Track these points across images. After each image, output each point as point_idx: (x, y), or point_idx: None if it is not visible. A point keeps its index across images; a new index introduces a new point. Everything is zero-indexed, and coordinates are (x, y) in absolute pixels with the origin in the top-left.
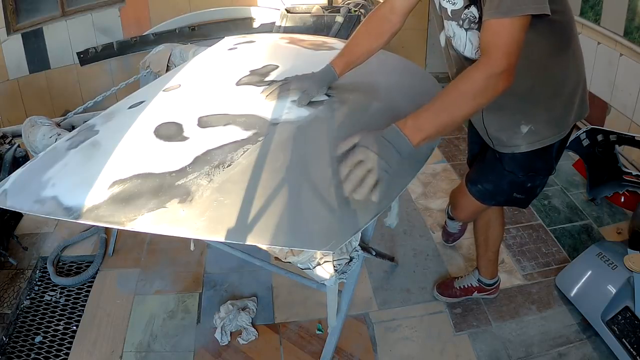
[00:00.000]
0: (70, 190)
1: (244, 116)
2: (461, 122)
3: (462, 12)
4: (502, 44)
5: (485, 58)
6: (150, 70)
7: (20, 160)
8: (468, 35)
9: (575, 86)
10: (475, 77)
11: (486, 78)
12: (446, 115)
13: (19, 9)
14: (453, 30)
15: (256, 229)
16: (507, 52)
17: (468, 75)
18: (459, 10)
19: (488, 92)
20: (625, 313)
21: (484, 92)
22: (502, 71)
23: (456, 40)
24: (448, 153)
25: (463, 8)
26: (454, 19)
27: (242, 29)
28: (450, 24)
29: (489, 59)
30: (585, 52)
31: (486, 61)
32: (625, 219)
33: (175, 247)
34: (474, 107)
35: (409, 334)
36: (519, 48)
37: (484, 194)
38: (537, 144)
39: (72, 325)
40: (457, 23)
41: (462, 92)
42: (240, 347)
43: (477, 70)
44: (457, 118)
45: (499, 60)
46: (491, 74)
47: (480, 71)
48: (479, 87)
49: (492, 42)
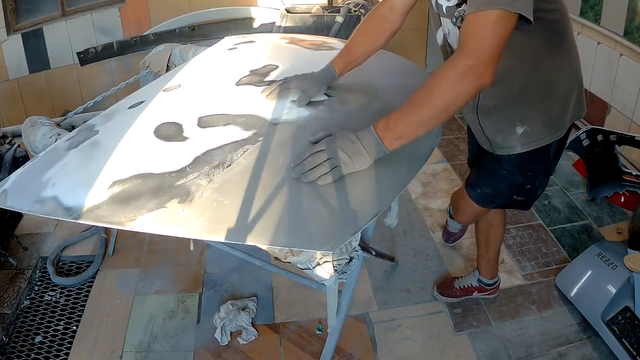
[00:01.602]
0: (70, 190)
1: (244, 116)
2: (436, 121)
3: (456, 10)
4: (473, 38)
5: (457, 52)
6: (150, 70)
7: (20, 160)
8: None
9: (570, 86)
10: (443, 73)
11: (455, 73)
12: (415, 114)
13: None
14: (448, 27)
15: (256, 229)
16: (477, 46)
17: (439, 72)
18: (452, 7)
19: (459, 87)
20: (625, 313)
21: (455, 87)
22: (472, 64)
23: (451, 38)
24: (448, 153)
25: (456, 6)
26: (448, 16)
27: (242, 29)
28: (446, 21)
29: (460, 53)
30: (585, 52)
31: (457, 55)
32: (625, 219)
33: (175, 247)
34: (446, 103)
35: (409, 334)
36: (492, 42)
37: (484, 198)
38: (533, 144)
39: (72, 325)
40: (451, 20)
41: (430, 88)
42: (240, 347)
43: (448, 65)
44: (428, 116)
45: (468, 54)
46: (462, 67)
47: (450, 66)
48: (450, 82)
49: (464, 36)
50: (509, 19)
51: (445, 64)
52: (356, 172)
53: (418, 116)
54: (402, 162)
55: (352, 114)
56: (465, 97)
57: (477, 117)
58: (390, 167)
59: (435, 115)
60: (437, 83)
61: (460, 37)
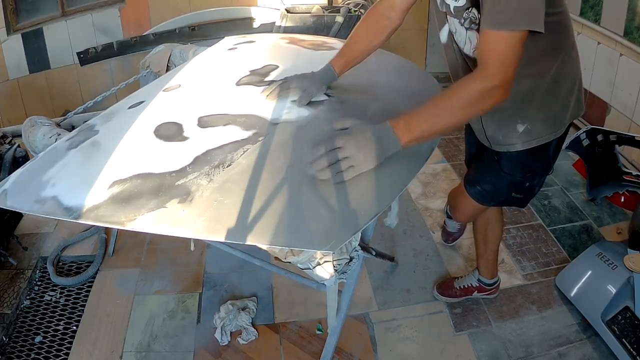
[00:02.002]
0: (70, 190)
1: (244, 116)
2: (453, 129)
3: (464, 12)
4: (498, 57)
5: (482, 70)
6: (150, 70)
7: (20, 160)
8: (468, 34)
9: (571, 85)
10: (470, 88)
11: (481, 90)
12: (438, 121)
13: (19, 9)
14: (455, 26)
15: (256, 229)
16: (503, 66)
17: (464, 85)
18: (461, 7)
19: (482, 103)
20: (625, 313)
21: (478, 103)
22: (498, 84)
23: (457, 37)
24: (448, 153)
25: (465, 7)
26: (456, 16)
27: (242, 29)
28: (453, 21)
29: (485, 71)
30: (585, 52)
31: (482, 73)
32: (625, 219)
33: (175, 247)
34: (466, 116)
35: (409, 334)
36: (515, 61)
37: (483, 195)
38: (533, 142)
39: (72, 325)
40: (459, 21)
41: (456, 100)
42: (240, 347)
43: (473, 81)
44: (449, 125)
45: (495, 74)
46: (487, 87)
47: (476, 82)
48: (474, 98)
49: (488, 54)
50: (526, 36)
51: (472, 80)
52: None
53: (441, 124)
54: (402, 162)
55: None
56: (486, 111)
57: (480, 117)
58: (390, 167)
59: (456, 125)
60: (463, 97)
61: (482, 54)
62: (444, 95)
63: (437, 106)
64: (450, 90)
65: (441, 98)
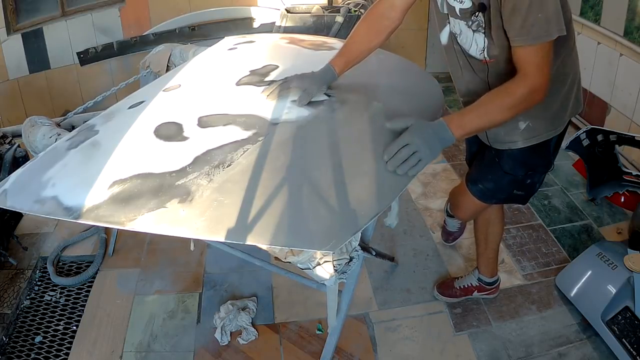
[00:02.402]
0: (70, 190)
1: (244, 116)
2: (497, 126)
3: (472, 15)
4: (537, 66)
5: (524, 76)
6: (150, 70)
7: (20, 160)
8: (475, 37)
9: (571, 84)
10: (516, 92)
11: (526, 93)
12: (486, 119)
13: (19, 9)
14: (460, 28)
15: (256, 229)
16: (542, 71)
17: (509, 89)
18: (467, 10)
19: (525, 104)
20: (625, 313)
21: (522, 104)
22: (539, 88)
23: (462, 38)
24: (448, 153)
25: (472, 11)
26: (462, 18)
27: (242, 29)
28: (458, 22)
29: (527, 77)
30: (585, 52)
31: (525, 79)
32: (625, 219)
33: (175, 247)
34: (510, 115)
35: (409, 334)
36: (550, 64)
37: (485, 193)
38: (534, 139)
39: (72, 325)
40: (465, 23)
41: (503, 102)
42: (240, 347)
43: (519, 86)
44: (495, 123)
45: (537, 79)
46: (530, 90)
47: (521, 87)
48: (518, 100)
49: (528, 63)
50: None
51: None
52: (356, 172)
53: (489, 122)
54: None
55: (352, 113)
56: (527, 110)
57: None
58: None
59: (501, 123)
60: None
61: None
62: (492, 97)
63: (487, 107)
64: (498, 94)
65: (490, 100)
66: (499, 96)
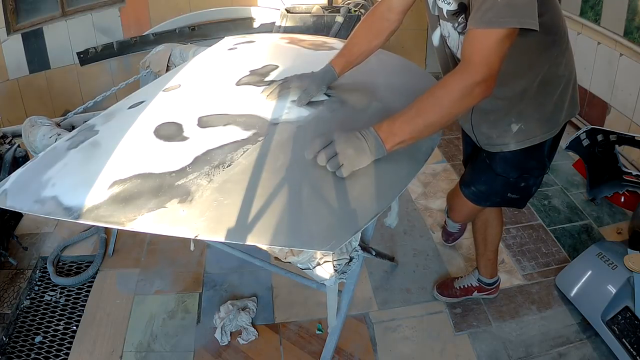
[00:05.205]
0: (70, 190)
1: (244, 116)
2: (438, 128)
3: (458, 16)
4: (482, 54)
5: (464, 66)
6: (150, 70)
7: (20, 160)
8: (460, 39)
9: (566, 85)
10: (452, 85)
11: (463, 87)
12: (421, 121)
13: (19, 9)
14: (448, 30)
15: (256, 229)
16: (486, 62)
17: (445, 82)
18: (454, 12)
19: (464, 100)
20: (625, 313)
21: (460, 100)
22: (480, 80)
23: (450, 41)
24: (448, 153)
25: (457, 12)
26: (449, 20)
27: (242, 29)
28: (446, 25)
29: (467, 68)
30: (585, 52)
31: (464, 69)
32: (625, 219)
33: (175, 247)
34: (449, 114)
35: (409, 334)
36: (500, 58)
37: (478, 196)
38: (527, 142)
39: (72, 325)
40: (452, 25)
41: (438, 98)
42: (240, 347)
43: (455, 78)
44: (433, 124)
45: (477, 69)
46: (469, 83)
47: (457, 79)
48: (456, 95)
49: (472, 51)
50: (514, 33)
51: (455, 77)
52: (356, 172)
53: (425, 124)
54: (402, 162)
55: (352, 113)
56: (470, 107)
57: (470, 115)
58: (390, 167)
59: (440, 124)
60: (446, 94)
61: (467, 50)
62: (425, 94)
63: (419, 107)
64: (432, 89)
65: (423, 98)
66: (433, 92)
